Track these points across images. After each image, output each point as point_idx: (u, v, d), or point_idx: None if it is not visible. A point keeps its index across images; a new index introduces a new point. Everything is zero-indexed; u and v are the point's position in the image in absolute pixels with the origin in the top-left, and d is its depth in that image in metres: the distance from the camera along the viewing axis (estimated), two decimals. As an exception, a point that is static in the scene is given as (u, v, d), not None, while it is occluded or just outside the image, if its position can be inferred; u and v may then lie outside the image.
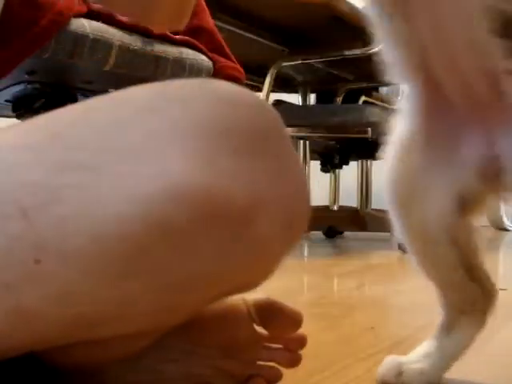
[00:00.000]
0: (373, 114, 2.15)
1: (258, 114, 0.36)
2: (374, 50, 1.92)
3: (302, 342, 0.55)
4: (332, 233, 2.84)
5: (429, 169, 0.51)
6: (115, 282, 0.32)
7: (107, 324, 0.34)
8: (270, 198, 0.35)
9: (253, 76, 2.25)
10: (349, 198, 2.96)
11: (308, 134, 2.33)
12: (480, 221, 0.56)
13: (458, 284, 0.53)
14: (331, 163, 2.70)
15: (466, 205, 0.50)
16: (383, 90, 2.91)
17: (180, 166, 0.32)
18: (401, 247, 2.10)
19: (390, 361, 0.57)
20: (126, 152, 0.32)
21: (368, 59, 2.10)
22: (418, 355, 0.56)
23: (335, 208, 2.94)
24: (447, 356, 0.55)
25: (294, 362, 0.55)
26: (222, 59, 1.43)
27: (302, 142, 2.52)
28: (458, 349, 0.55)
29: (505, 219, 3.23)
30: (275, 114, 0.37)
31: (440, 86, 0.48)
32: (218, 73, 1.39)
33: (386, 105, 2.72)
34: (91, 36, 1.15)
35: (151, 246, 0.32)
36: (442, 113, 0.50)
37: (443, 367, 0.56)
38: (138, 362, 0.48)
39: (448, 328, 0.55)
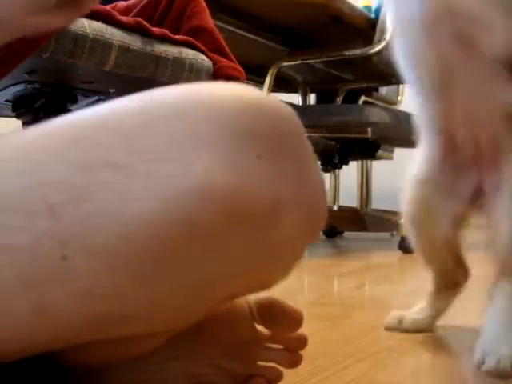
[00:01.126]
0: (373, 114, 2.15)
1: (281, 118, 0.37)
2: (373, 50, 1.94)
3: (302, 342, 0.55)
4: (332, 233, 2.84)
5: (436, 197, 0.76)
6: (141, 280, 0.33)
7: (131, 323, 0.35)
8: (291, 200, 0.35)
9: (253, 76, 2.25)
10: (349, 198, 2.96)
11: (308, 134, 2.32)
12: (480, 221, 0.68)
13: (449, 271, 0.81)
14: (331, 163, 2.70)
15: (458, 224, 0.77)
16: (383, 89, 2.91)
17: (204, 166, 0.33)
18: (401, 247, 2.10)
19: (394, 313, 0.84)
20: (153, 153, 0.33)
21: (368, 59, 2.10)
22: (415, 310, 0.84)
23: (335, 208, 2.94)
24: (435, 311, 0.83)
25: (294, 362, 0.55)
26: (222, 59, 1.43)
27: (301, 142, 2.51)
28: (441, 307, 0.83)
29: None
30: (296, 118, 0.38)
31: (454, 139, 0.73)
32: (217, 73, 1.39)
33: (385, 105, 2.72)
34: (91, 36, 1.15)
35: (176, 244, 0.32)
36: (451, 157, 0.75)
37: (433, 318, 0.83)
38: (140, 362, 0.48)
39: (436, 294, 0.83)
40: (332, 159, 2.67)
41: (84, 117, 0.36)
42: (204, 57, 1.37)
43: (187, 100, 0.35)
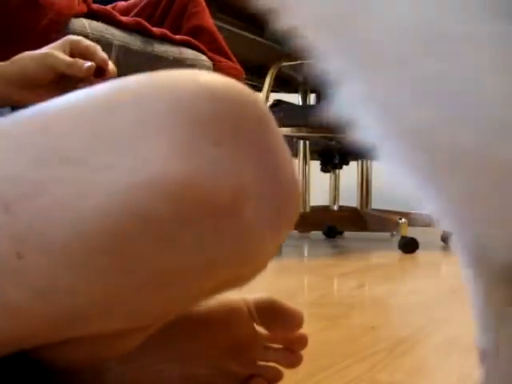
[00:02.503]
0: (373, 114, 2.14)
1: (242, 103, 0.35)
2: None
3: (302, 342, 0.55)
4: (332, 233, 2.84)
5: None
6: (99, 276, 0.32)
7: (93, 319, 0.34)
8: (254, 187, 0.34)
9: (253, 76, 2.25)
10: (349, 198, 2.96)
11: (308, 134, 2.33)
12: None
13: None
14: (331, 163, 2.69)
15: None
16: (383, 89, 2.90)
17: (161, 155, 0.32)
18: (401, 247, 2.10)
19: None
20: (109, 144, 0.32)
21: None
22: None
23: (335, 208, 2.94)
24: None
25: (294, 362, 0.55)
26: (222, 59, 1.43)
27: (301, 142, 2.51)
28: None
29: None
30: (260, 103, 0.37)
31: None
32: (217, 72, 1.39)
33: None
34: (91, 36, 1.15)
35: (133, 237, 0.32)
36: None
37: None
38: (139, 362, 0.48)
39: None
40: (332, 159, 2.66)
41: (44, 108, 0.35)
42: (204, 57, 1.37)
43: (145, 87, 0.34)
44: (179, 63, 1.30)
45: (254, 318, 0.53)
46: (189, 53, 1.34)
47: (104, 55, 0.84)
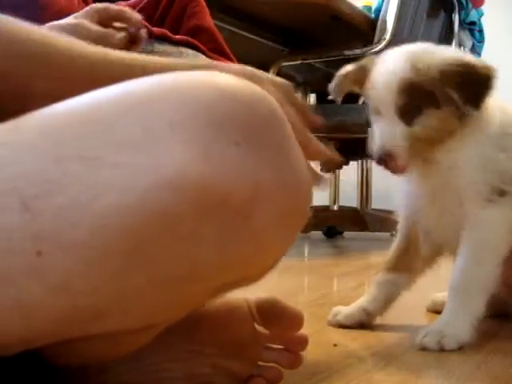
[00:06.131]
0: (373, 113, 2.15)
1: (259, 105, 0.36)
2: (374, 50, 1.94)
3: (303, 342, 0.55)
4: (332, 233, 2.84)
5: None
6: (116, 274, 0.32)
7: (109, 317, 0.34)
8: (268, 189, 0.34)
9: (253, 76, 2.25)
10: (349, 198, 2.96)
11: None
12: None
13: None
14: (331, 163, 2.69)
15: None
16: (383, 90, 2.90)
17: (178, 156, 0.32)
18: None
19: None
20: (126, 143, 0.32)
21: (368, 59, 2.11)
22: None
23: (335, 208, 2.94)
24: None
25: (294, 362, 0.55)
26: (222, 59, 1.43)
27: (302, 141, 2.51)
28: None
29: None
30: (277, 106, 0.37)
31: None
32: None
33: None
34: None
35: (150, 236, 0.32)
36: None
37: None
38: (140, 362, 0.48)
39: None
40: (332, 159, 2.66)
41: (60, 108, 0.35)
42: (204, 56, 1.37)
43: (163, 87, 0.35)
44: (179, 63, 1.30)
45: (254, 318, 0.53)
46: (189, 53, 1.34)
47: (137, 17, 0.80)
